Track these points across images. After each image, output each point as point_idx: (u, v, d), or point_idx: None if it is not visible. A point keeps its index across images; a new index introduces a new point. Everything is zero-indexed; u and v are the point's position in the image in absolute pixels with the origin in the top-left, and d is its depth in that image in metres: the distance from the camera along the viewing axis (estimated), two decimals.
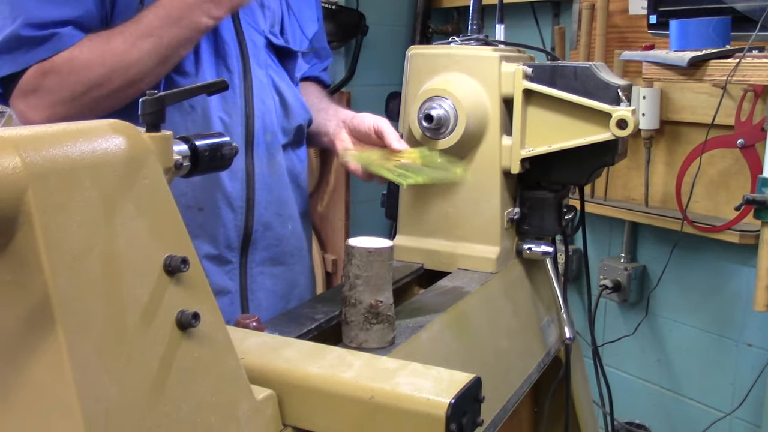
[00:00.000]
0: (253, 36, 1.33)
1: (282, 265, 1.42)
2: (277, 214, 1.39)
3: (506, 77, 1.19)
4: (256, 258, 1.37)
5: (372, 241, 0.96)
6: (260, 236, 1.36)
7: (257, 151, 1.33)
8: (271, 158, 1.37)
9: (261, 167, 1.34)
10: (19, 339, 0.54)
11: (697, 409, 2.31)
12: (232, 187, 1.30)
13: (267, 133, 1.35)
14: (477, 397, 0.73)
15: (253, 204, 1.33)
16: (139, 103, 0.66)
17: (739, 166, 2.08)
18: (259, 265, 1.38)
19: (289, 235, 1.43)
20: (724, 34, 1.63)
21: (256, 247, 1.36)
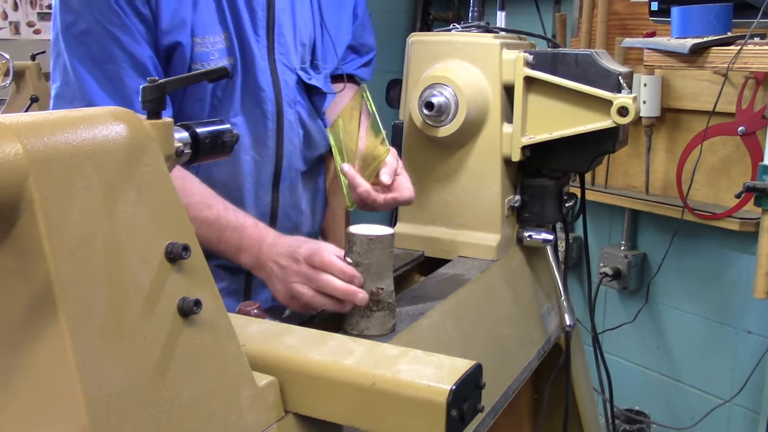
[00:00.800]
0: (286, 75, 1.32)
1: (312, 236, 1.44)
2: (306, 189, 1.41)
3: (507, 64, 1.19)
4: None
5: (373, 229, 0.96)
6: (285, 213, 1.37)
7: (282, 186, 1.35)
8: (293, 190, 1.38)
9: (284, 200, 1.36)
10: (21, 325, 0.55)
11: (697, 396, 2.32)
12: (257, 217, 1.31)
13: (291, 169, 1.36)
14: (478, 384, 0.74)
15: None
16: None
17: (740, 154, 2.07)
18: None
19: (310, 213, 1.45)
20: (726, 21, 1.63)
21: (281, 221, 1.38)
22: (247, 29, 1.25)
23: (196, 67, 1.21)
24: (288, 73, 1.32)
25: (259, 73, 1.27)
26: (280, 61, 1.31)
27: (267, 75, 1.29)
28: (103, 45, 1.14)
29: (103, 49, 1.15)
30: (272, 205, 1.35)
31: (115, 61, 1.15)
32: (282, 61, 1.31)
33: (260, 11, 1.26)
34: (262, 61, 1.28)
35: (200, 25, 1.21)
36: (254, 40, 1.26)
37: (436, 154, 1.24)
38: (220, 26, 1.23)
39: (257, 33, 1.27)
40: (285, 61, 1.32)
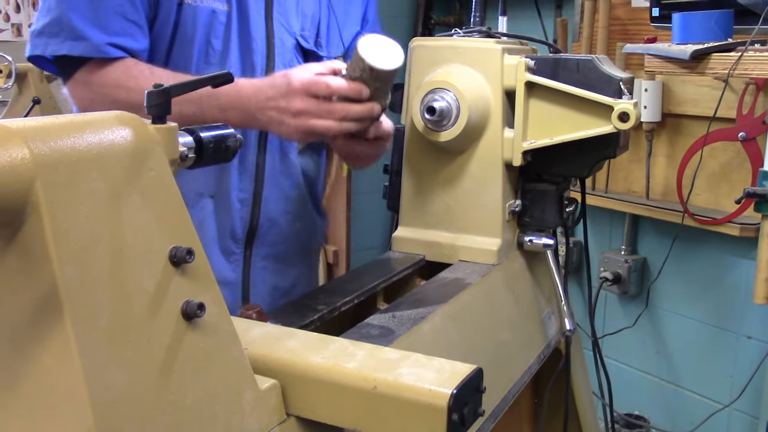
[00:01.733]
0: (283, 35, 1.33)
1: (286, 263, 1.43)
2: (286, 211, 1.39)
3: (509, 69, 1.19)
4: (260, 252, 1.38)
5: (381, 49, 1.04)
6: (266, 231, 1.37)
7: (270, 147, 1.34)
8: (284, 156, 1.37)
9: (273, 163, 1.35)
10: (27, 328, 0.55)
11: (696, 401, 2.32)
12: (240, 179, 1.32)
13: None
14: (478, 388, 0.74)
15: (261, 199, 1.34)
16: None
17: (741, 159, 2.08)
18: (264, 259, 1.38)
19: (296, 234, 1.43)
20: (727, 27, 1.63)
21: (261, 241, 1.37)
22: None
23: (188, 1, 1.23)
24: (285, 33, 1.33)
25: (252, 25, 1.28)
26: (277, 20, 1.32)
27: (261, 29, 1.30)
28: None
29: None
30: (257, 165, 1.34)
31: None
32: (280, 21, 1.32)
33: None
34: (258, 14, 1.29)
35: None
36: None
37: (438, 159, 1.24)
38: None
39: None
40: (283, 21, 1.33)
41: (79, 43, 1.19)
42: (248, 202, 1.34)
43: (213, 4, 1.25)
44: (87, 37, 1.19)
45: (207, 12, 1.25)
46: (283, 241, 1.41)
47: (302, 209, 1.43)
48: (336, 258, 2.93)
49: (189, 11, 1.24)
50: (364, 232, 3.00)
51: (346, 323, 1.05)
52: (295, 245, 1.44)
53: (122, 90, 1.20)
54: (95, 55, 1.20)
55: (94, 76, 1.21)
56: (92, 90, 1.22)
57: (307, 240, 1.48)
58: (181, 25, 1.24)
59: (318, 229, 1.53)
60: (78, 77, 1.23)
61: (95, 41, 1.19)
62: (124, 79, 1.20)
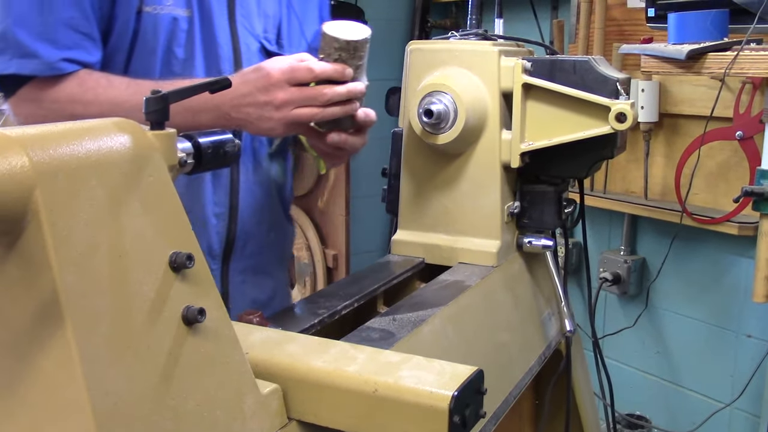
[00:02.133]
0: (248, 40, 1.29)
1: (264, 274, 1.41)
2: (261, 222, 1.37)
3: (506, 71, 1.20)
4: (238, 266, 1.35)
5: (348, 28, 1.04)
6: (243, 244, 1.34)
7: (243, 158, 1.31)
8: (257, 165, 1.35)
9: (246, 174, 1.32)
10: (28, 334, 0.55)
11: (697, 400, 2.32)
12: (215, 193, 1.28)
13: (255, 140, 1.33)
14: (479, 390, 0.74)
15: (237, 211, 1.31)
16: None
17: (738, 158, 2.08)
18: (242, 273, 1.36)
19: (271, 244, 1.41)
20: (722, 26, 1.64)
21: (239, 255, 1.35)
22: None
23: (147, 10, 1.18)
24: (249, 37, 1.29)
25: (217, 30, 1.24)
26: (241, 24, 1.28)
27: (226, 34, 1.26)
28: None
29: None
30: (231, 177, 1.30)
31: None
32: (244, 24, 1.28)
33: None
34: (222, 19, 1.25)
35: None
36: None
37: (436, 161, 1.25)
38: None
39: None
40: (247, 24, 1.29)
41: (28, 61, 1.12)
42: (224, 216, 1.30)
43: (174, 10, 1.20)
44: (37, 54, 1.12)
45: (168, 19, 1.20)
46: (260, 252, 1.38)
47: (275, 218, 1.41)
48: (335, 262, 2.93)
49: (149, 19, 1.18)
50: (364, 236, 3.00)
51: (346, 327, 1.05)
52: (271, 255, 1.41)
53: (78, 104, 1.14)
54: (48, 73, 1.13)
55: (44, 92, 1.14)
56: (42, 107, 1.15)
57: (281, 249, 1.45)
58: (141, 35, 1.18)
59: (289, 236, 1.51)
60: (23, 94, 1.16)
61: (47, 58, 1.12)
62: (79, 92, 1.14)
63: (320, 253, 2.94)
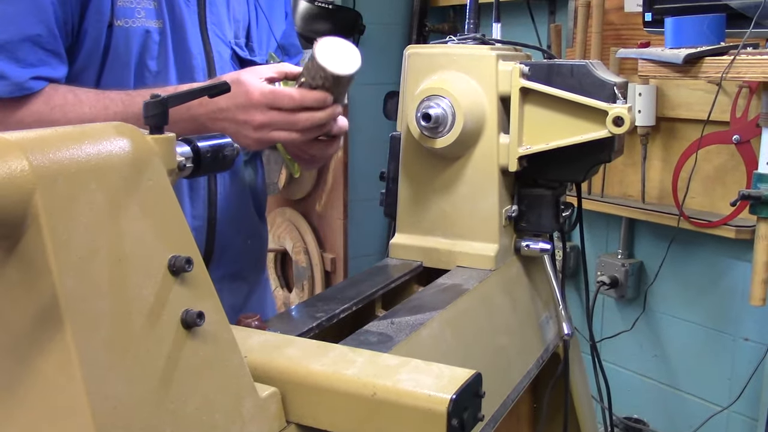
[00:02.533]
0: (220, 47, 1.28)
1: (239, 280, 1.41)
2: (238, 231, 1.37)
3: (503, 76, 1.20)
4: (216, 275, 1.31)
5: (338, 53, 1.06)
6: (220, 255, 1.34)
7: None
8: (234, 176, 1.34)
9: (224, 186, 1.32)
10: (28, 338, 0.55)
11: (695, 404, 2.32)
12: (193, 206, 1.28)
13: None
14: (478, 393, 0.74)
15: (215, 223, 1.31)
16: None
17: (735, 162, 2.09)
18: (219, 281, 1.33)
19: (248, 250, 1.41)
20: (719, 31, 1.64)
21: (216, 265, 1.34)
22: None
23: (119, 23, 1.15)
24: (221, 45, 1.28)
25: (190, 40, 1.23)
26: (212, 32, 1.27)
27: (198, 44, 1.25)
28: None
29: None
30: (209, 190, 1.29)
31: (11, 2, 1.09)
32: (215, 32, 1.27)
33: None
34: (193, 28, 1.24)
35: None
36: (183, 3, 1.23)
37: (434, 165, 1.25)
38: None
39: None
40: (218, 32, 1.28)
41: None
42: (203, 229, 1.29)
43: (146, 23, 1.18)
44: (4, 75, 1.09)
45: (140, 32, 1.18)
46: (237, 260, 1.38)
47: (251, 225, 1.41)
48: (333, 265, 2.93)
49: (120, 33, 1.16)
50: (362, 240, 3.00)
51: (344, 330, 1.05)
52: (247, 261, 1.42)
53: (45, 123, 1.10)
54: (17, 94, 1.10)
55: (8, 113, 1.11)
56: (8, 127, 1.10)
57: (258, 254, 1.46)
58: (112, 49, 1.16)
59: (264, 239, 1.50)
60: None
61: (15, 79, 1.09)
62: (46, 111, 1.12)
63: (318, 257, 2.94)
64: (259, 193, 1.46)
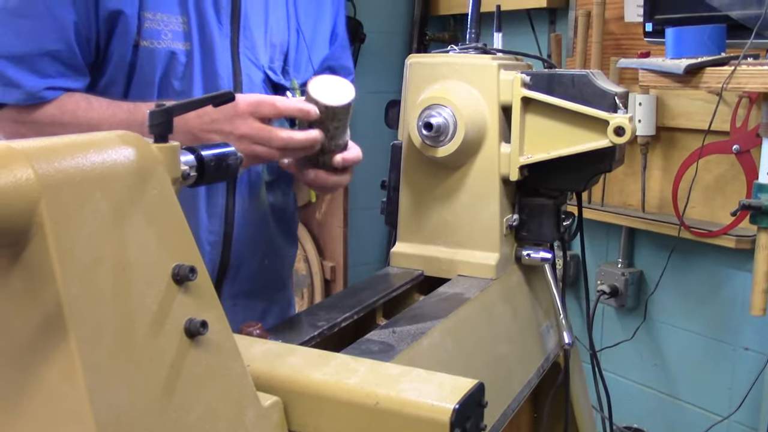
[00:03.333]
0: (251, 71, 1.28)
1: (255, 298, 1.41)
2: (255, 250, 1.37)
3: (505, 85, 1.20)
4: (230, 291, 1.36)
5: (333, 88, 1.08)
6: (235, 272, 1.35)
7: (239, 188, 1.31)
8: (254, 196, 1.35)
9: (242, 204, 1.32)
10: (32, 346, 0.55)
11: (695, 413, 2.32)
12: (210, 222, 1.29)
13: (252, 172, 1.32)
14: (480, 403, 0.74)
15: (231, 240, 1.31)
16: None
17: (735, 172, 2.09)
18: (233, 297, 1.37)
19: (265, 270, 1.41)
20: (720, 41, 1.65)
21: (231, 281, 1.35)
22: (209, 14, 1.22)
23: (144, 44, 1.17)
24: (253, 68, 1.29)
25: (218, 62, 1.24)
26: (244, 55, 1.27)
27: (227, 66, 1.25)
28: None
29: (25, 3, 1.11)
30: (226, 207, 1.30)
31: (33, 17, 1.11)
32: (247, 55, 1.27)
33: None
34: (224, 51, 1.24)
35: (151, 0, 1.17)
36: (216, 26, 1.23)
37: (435, 174, 1.25)
38: (179, 8, 1.20)
39: (220, 21, 1.24)
40: (251, 55, 1.28)
41: (12, 91, 1.13)
42: (218, 245, 1.30)
43: (172, 45, 1.19)
44: (20, 85, 1.12)
45: (165, 53, 1.19)
46: (252, 278, 1.38)
47: (270, 246, 1.41)
48: (333, 274, 2.93)
49: (146, 53, 1.18)
50: (362, 248, 3.00)
51: (346, 339, 1.05)
52: (263, 281, 1.42)
53: (57, 127, 1.14)
54: (31, 102, 1.14)
55: (25, 115, 1.15)
56: (24, 126, 1.16)
57: (275, 274, 1.46)
58: (138, 68, 1.18)
59: (287, 259, 1.50)
60: (5, 114, 1.17)
61: (30, 88, 1.13)
62: (58, 114, 1.15)
63: (318, 265, 2.94)
64: (287, 214, 1.46)
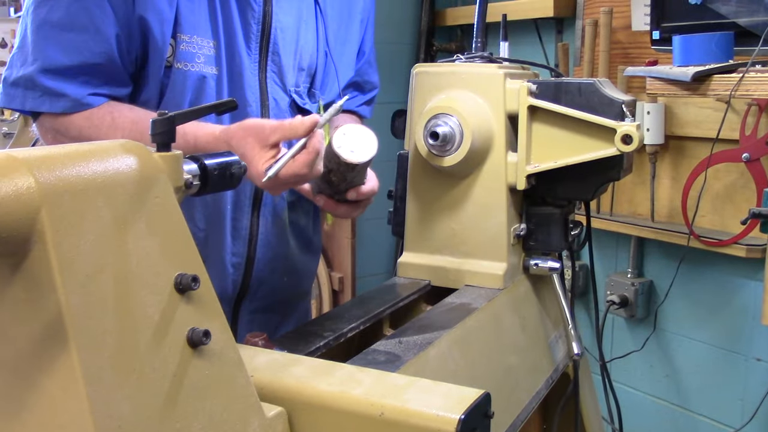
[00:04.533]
0: (277, 95, 1.30)
1: (271, 312, 1.43)
2: (275, 270, 1.39)
3: (511, 94, 1.20)
4: (249, 307, 1.38)
5: (357, 141, 1.10)
6: (255, 290, 1.37)
7: (263, 210, 1.33)
8: (277, 217, 1.36)
9: (266, 226, 1.34)
10: (33, 355, 0.55)
11: (707, 425, 2.29)
12: (234, 245, 1.31)
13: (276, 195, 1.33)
14: (486, 413, 0.73)
15: (253, 261, 1.34)
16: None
17: (745, 180, 2.08)
18: (251, 313, 1.39)
19: (284, 286, 1.42)
20: (727, 49, 1.64)
21: (251, 299, 1.37)
22: (238, 40, 1.23)
23: (178, 66, 1.19)
24: (280, 92, 1.30)
25: (246, 87, 1.25)
26: (271, 79, 1.29)
27: (255, 91, 1.27)
28: (70, 11, 1.12)
29: (69, 16, 1.12)
30: (250, 230, 1.32)
31: (77, 30, 1.13)
32: (274, 80, 1.29)
33: (254, 24, 1.25)
34: (252, 76, 1.26)
35: (189, 23, 1.18)
36: (245, 52, 1.25)
37: (442, 184, 1.25)
38: (211, 32, 1.21)
39: (249, 46, 1.25)
40: (277, 80, 1.30)
41: (58, 101, 1.15)
42: (241, 266, 1.33)
43: (203, 68, 1.21)
44: (65, 94, 1.15)
45: (196, 77, 1.21)
46: (272, 295, 1.40)
47: (291, 264, 1.42)
48: (341, 284, 2.92)
49: (177, 75, 1.20)
50: (369, 259, 2.99)
51: (352, 349, 1.04)
52: (282, 296, 1.43)
53: (84, 138, 1.15)
54: (78, 110, 1.16)
55: (59, 123, 1.18)
56: (58, 137, 1.19)
57: (294, 289, 1.47)
58: (169, 89, 1.20)
59: (307, 274, 1.52)
60: (45, 122, 1.20)
61: (74, 96, 1.15)
62: (86, 127, 1.17)
63: (326, 276, 2.93)
64: (308, 231, 1.47)
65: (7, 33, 3.76)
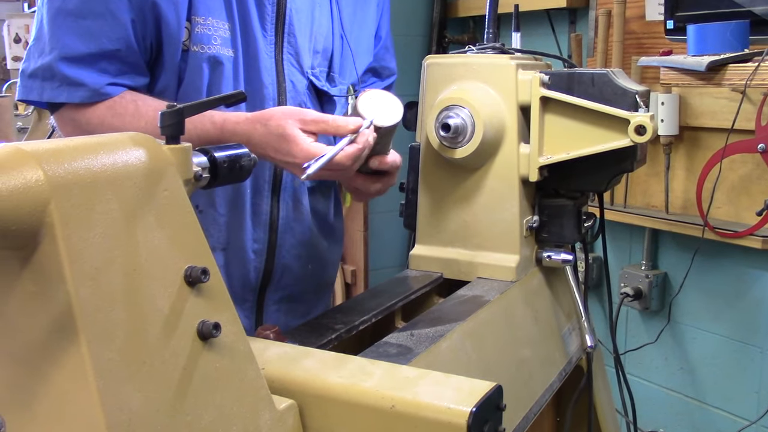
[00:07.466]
0: (294, 77, 1.29)
1: (297, 302, 1.42)
2: (299, 256, 1.38)
3: (523, 85, 1.19)
4: (273, 297, 1.37)
5: (381, 105, 1.09)
6: (279, 277, 1.36)
7: (283, 195, 1.33)
8: (297, 202, 1.36)
9: (286, 211, 1.34)
10: (42, 348, 0.55)
11: (722, 418, 2.28)
12: (254, 230, 1.30)
13: (296, 179, 1.33)
14: (498, 406, 0.73)
15: (275, 247, 1.33)
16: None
17: (761, 171, 2.05)
18: (276, 303, 1.38)
19: (308, 274, 1.42)
20: (743, 37, 1.62)
21: (275, 287, 1.37)
22: (254, 22, 1.23)
23: (195, 49, 1.18)
24: (297, 74, 1.29)
25: (262, 69, 1.25)
26: (288, 61, 1.28)
27: (271, 73, 1.26)
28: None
29: (84, 3, 1.13)
30: (271, 215, 1.32)
31: (93, 18, 1.13)
32: (290, 62, 1.28)
33: (269, 5, 1.24)
34: (268, 58, 1.25)
35: (204, 5, 1.18)
36: (261, 34, 1.24)
37: (454, 176, 1.24)
38: (226, 14, 1.21)
39: (264, 28, 1.24)
40: (294, 62, 1.29)
41: (77, 90, 1.15)
42: (262, 252, 1.32)
43: (220, 50, 1.21)
44: (84, 83, 1.15)
45: (212, 59, 1.20)
46: (296, 283, 1.40)
47: (314, 251, 1.42)
48: (354, 277, 2.92)
49: (194, 58, 1.19)
50: (382, 251, 2.99)
51: (364, 342, 1.04)
52: (308, 285, 1.43)
53: (106, 127, 1.15)
54: (97, 99, 1.16)
55: (80, 114, 1.17)
56: (78, 128, 1.18)
57: (319, 277, 1.46)
58: (187, 74, 1.20)
59: (331, 263, 1.51)
60: (64, 113, 1.19)
61: (93, 86, 1.15)
62: (109, 116, 1.16)
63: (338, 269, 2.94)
64: (329, 219, 1.47)
65: (21, 28, 3.78)
